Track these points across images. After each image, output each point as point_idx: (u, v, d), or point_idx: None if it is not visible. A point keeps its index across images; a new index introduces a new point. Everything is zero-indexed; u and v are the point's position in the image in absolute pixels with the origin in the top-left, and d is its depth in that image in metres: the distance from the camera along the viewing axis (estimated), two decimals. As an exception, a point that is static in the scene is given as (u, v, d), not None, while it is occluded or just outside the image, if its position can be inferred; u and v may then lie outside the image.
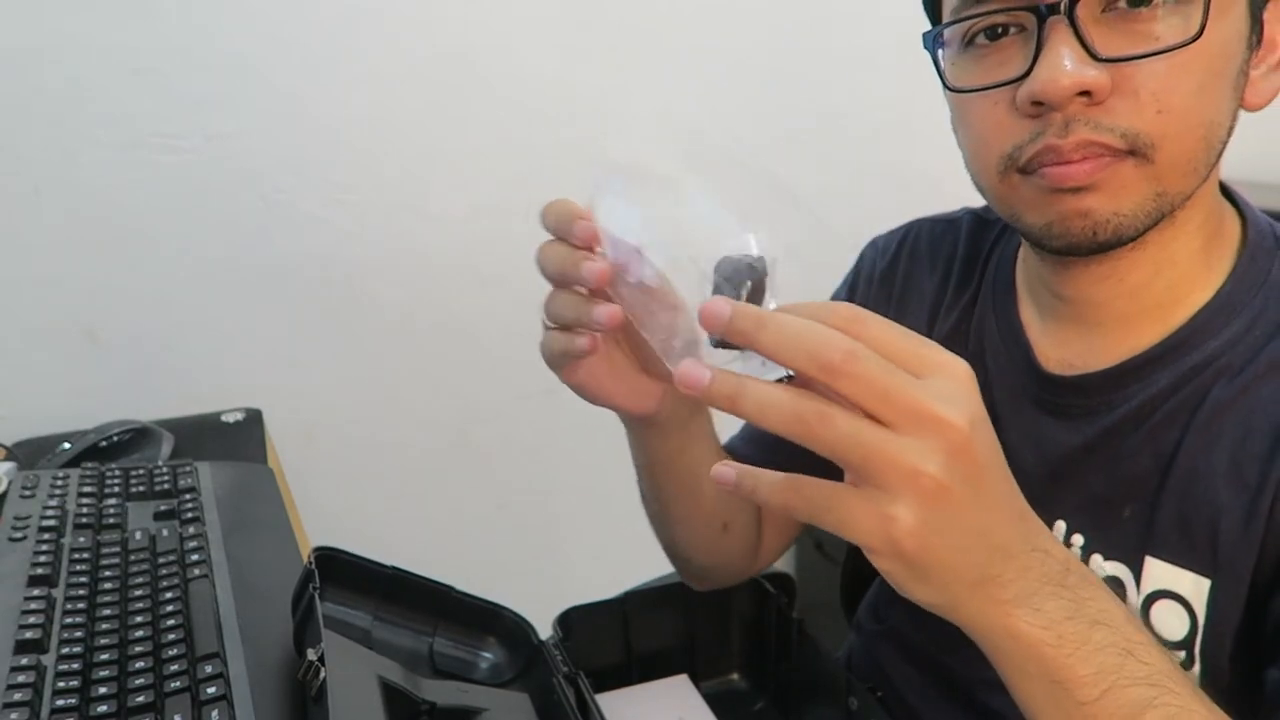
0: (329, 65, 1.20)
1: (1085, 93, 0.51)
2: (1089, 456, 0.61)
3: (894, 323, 0.41)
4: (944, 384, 0.40)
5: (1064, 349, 0.63)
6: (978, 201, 0.64)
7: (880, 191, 1.45)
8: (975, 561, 0.42)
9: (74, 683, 0.57)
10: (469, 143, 1.30)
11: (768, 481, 0.42)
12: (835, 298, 0.81)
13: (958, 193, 0.66)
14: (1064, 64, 0.50)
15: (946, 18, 0.57)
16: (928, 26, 0.60)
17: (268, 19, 1.16)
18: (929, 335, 0.72)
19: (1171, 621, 0.56)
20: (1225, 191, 0.62)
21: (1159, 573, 0.57)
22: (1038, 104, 0.52)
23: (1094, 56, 0.50)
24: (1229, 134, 0.55)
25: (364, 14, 1.21)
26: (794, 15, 1.44)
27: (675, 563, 0.79)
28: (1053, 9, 0.51)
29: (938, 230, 0.76)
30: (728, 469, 0.43)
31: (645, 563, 0.78)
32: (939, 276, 0.74)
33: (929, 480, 0.39)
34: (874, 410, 0.39)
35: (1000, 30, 0.54)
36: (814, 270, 0.94)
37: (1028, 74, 0.52)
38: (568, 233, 0.55)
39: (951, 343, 0.70)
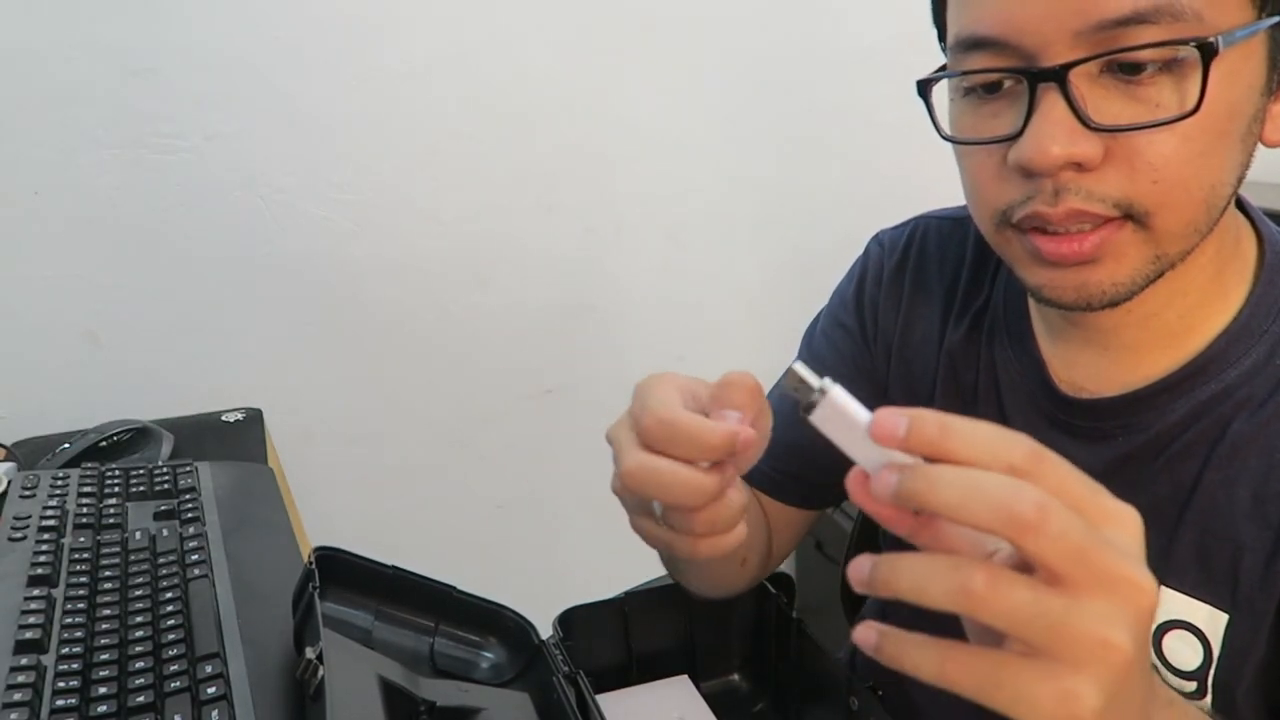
0: (329, 65, 1.20)
1: (1076, 163, 0.48)
2: (1104, 482, 0.59)
3: (1068, 463, 0.36)
4: (1124, 538, 0.35)
5: (1074, 371, 0.61)
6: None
7: (879, 193, 1.45)
8: None
9: (74, 683, 0.57)
10: (468, 143, 1.30)
11: (916, 649, 0.36)
12: (841, 293, 0.78)
13: (956, 196, 0.65)
14: (1054, 134, 0.48)
15: (948, 54, 0.55)
16: (927, 30, 0.59)
17: (267, 20, 1.16)
18: (940, 342, 0.71)
19: (1184, 652, 0.55)
20: (1239, 205, 0.59)
21: (1174, 603, 0.56)
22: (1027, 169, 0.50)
23: (1087, 125, 0.48)
24: (1241, 178, 0.52)
25: (363, 14, 1.21)
26: (793, 16, 1.44)
27: (686, 588, 0.76)
28: (1044, 75, 0.48)
29: (945, 229, 0.73)
30: (870, 632, 0.37)
31: (645, 563, 0.78)
32: (949, 279, 0.71)
33: (1118, 653, 0.34)
34: (1065, 572, 0.33)
35: (997, 82, 0.52)
36: (813, 272, 0.94)
37: (1020, 134, 0.49)
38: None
39: (964, 352, 0.68)
